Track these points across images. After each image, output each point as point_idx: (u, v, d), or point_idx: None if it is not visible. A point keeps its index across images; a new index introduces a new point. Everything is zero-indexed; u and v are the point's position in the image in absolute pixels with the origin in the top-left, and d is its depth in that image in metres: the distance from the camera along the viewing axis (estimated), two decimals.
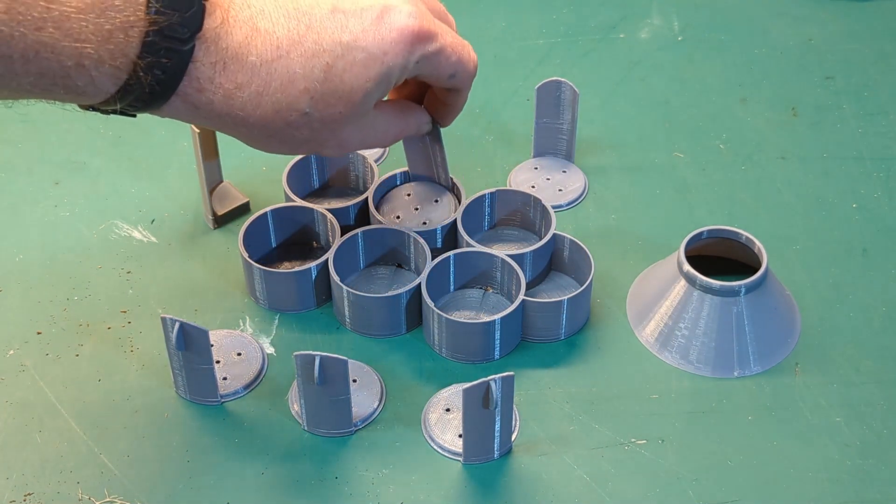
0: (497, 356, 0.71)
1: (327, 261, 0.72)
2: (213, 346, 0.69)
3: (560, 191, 0.82)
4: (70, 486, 0.64)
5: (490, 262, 0.73)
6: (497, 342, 0.70)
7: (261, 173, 0.83)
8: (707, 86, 0.91)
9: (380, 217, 0.75)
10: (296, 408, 0.68)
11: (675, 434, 0.67)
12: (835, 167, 0.84)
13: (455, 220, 0.74)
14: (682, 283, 0.71)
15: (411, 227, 0.74)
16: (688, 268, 0.70)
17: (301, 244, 0.77)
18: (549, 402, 0.69)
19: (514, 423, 0.67)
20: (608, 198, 0.82)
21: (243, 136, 0.61)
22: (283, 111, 0.59)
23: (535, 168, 0.84)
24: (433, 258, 0.72)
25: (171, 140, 0.86)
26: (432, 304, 0.69)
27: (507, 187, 0.79)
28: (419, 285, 0.71)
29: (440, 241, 0.75)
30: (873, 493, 0.64)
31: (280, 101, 0.58)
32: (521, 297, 0.70)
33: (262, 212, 0.75)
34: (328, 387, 0.64)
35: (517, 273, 0.71)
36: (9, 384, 0.69)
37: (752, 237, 0.72)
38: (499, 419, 0.63)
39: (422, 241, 0.73)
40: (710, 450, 0.66)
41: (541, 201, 0.76)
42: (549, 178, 0.83)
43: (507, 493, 0.64)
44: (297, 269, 0.72)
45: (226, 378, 0.69)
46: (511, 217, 0.78)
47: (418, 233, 0.73)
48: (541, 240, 0.74)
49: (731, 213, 0.80)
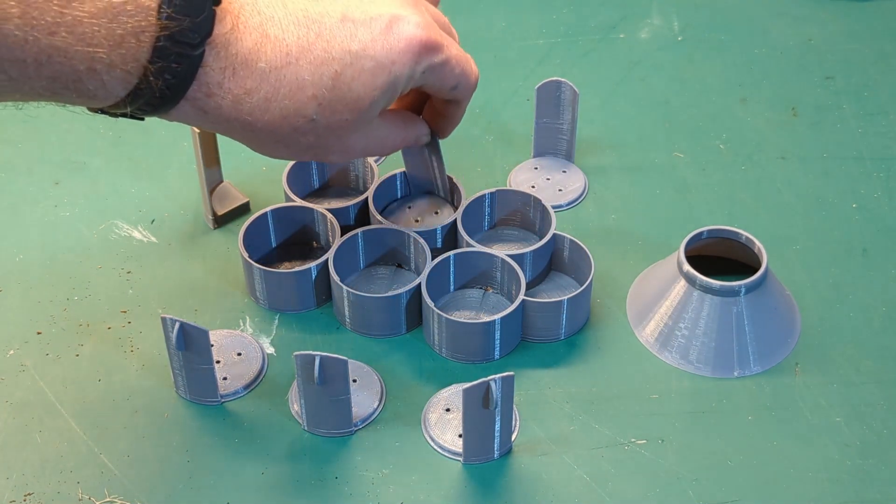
0: (497, 356, 0.71)
1: (327, 261, 0.72)
2: (213, 346, 0.69)
3: (560, 191, 0.82)
4: (70, 486, 0.64)
5: (490, 262, 0.73)
6: (497, 342, 0.70)
7: (261, 173, 0.83)
8: (707, 86, 0.91)
9: (380, 217, 0.75)
10: (296, 408, 0.68)
11: (675, 434, 0.67)
12: (835, 167, 0.84)
13: (455, 220, 0.74)
14: (682, 283, 0.71)
15: (411, 227, 0.74)
16: (688, 268, 0.70)
17: (301, 244, 0.77)
18: (549, 402, 0.69)
19: (514, 423, 0.67)
20: (608, 198, 0.82)
21: (249, 141, 0.61)
22: (291, 117, 0.59)
23: (535, 168, 0.84)
24: (433, 258, 0.72)
25: (171, 140, 0.86)
26: (432, 304, 0.69)
27: (507, 187, 0.79)
28: (419, 285, 0.71)
29: (440, 241, 0.75)
30: (873, 493, 0.64)
31: (288, 107, 0.59)
32: (521, 297, 0.70)
33: (262, 212, 0.75)
34: (328, 387, 0.64)
35: (517, 273, 0.71)
36: (9, 384, 0.69)
37: (752, 237, 0.72)
38: (499, 419, 0.63)
39: (422, 241, 0.73)
40: (710, 450, 0.66)
41: (541, 201, 0.76)
42: (549, 178, 0.83)
43: (507, 493, 0.64)
44: (297, 269, 0.72)
45: (226, 378, 0.69)
46: (511, 217, 0.78)
47: (418, 233, 0.73)
48: (541, 240, 0.74)
49: (731, 213, 0.80)
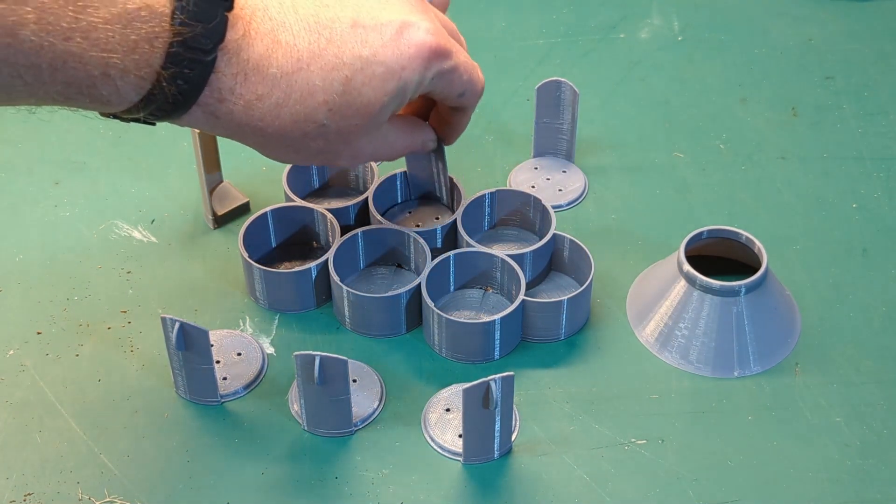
0: (497, 356, 0.71)
1: (327, 261, 0.72)
2: (213, 346, 0.69)
3: (560, 191, 0.82)
4: (70, 486, 0.64)
5: (490, 262, 0.73)
6: (497, 342, 0.70)
7: (261, 173, 0.83)
8: (707, 86, 0.91)
9: (380, 217, 0.75)
10: (296, 408, 0.68)
11: (675, 434, 0.67)
12: (835, 167, 0.84)
13: (455, 220, 0.74)
14: (682, 283, 0.71)
15: (411, 227, 0.74)
16: (688, 268, 0.70)
17: (301, 244, 0.77)
18: (549, 402, 0.69)
19: (514, 423, 0.67)
20: (608, 198, 0.82)
21: (260, 146, 0.61)
22: (302, 122, 0.59)
23: (535, 168, 0.84)
24: (433, 258, 0.72)
25: (171, 140, 0.86)
26: (432, 304, 0.69)
27: (507, 187, 0.79)
28: (419, 285, 0.71)
29: (440, 241, 0.75)
30: (873, 493, 0.64)
31: (299, 112, 0.59)
32: (521, 297, 0.70)
33: (262, 212, 0.75)
34: (328, 387, 0.64)
35: (517, 273, 0.71)
36: (9, 384, 0.69)
37: (752, 237, 0.72)
38: (499, 419, 0.63)
39: (422, 241, 0.73)
40: (710, 450, 0.66)
41: (541, 201, 0.76)
42: (549, 178, 0.83)
43: (507, 493, 0.64)
44: (297, 269, 0.72)
45: (226, 378, 0.69)
46: (511, 217, 0.78)
47: (418, 233, 0.73)
48: (541, 240, 0.74)
49: (731, 213, 0.80)
